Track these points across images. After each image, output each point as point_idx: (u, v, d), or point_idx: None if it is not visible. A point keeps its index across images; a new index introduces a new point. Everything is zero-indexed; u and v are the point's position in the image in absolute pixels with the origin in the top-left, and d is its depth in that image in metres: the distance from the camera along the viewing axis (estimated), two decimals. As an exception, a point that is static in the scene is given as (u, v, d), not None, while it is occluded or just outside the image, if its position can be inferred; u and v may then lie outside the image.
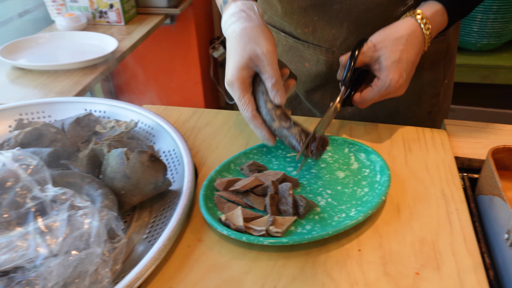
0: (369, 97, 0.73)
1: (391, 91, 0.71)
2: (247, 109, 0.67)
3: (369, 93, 0.73)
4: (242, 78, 0.67)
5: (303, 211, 0.62)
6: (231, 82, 0.68)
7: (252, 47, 0.66)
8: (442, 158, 0.74)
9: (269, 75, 0.66)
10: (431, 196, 0.66)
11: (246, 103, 0.67)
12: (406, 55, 0.70)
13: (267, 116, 0.67)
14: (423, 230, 0.60)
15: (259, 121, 0.68)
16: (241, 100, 0.68)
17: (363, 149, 0.73)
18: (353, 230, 0.60)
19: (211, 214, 0.62)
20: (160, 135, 0.79)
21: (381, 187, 0.64)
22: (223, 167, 0.71)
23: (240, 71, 0.67)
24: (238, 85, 0.67)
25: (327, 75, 0.92)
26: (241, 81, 0.67)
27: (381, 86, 0.71)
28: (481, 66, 2.04)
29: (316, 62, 0.91)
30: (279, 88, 0.66)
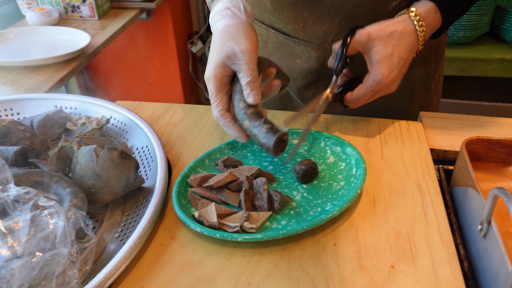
0: (360, 93, 0.72)
1: (382, 86, 0.70)
2: (216, 107, 0.67)
3: (360, 89, 0.72)
4: (218, 75, 0.67)
5: (278, 206, 0.61)
6: (207, 79, 0.68)
7: (231, 45, 0.66)
8: (418, 151, 0.74)
9: (244, 73, 0.65)
10: (407, 188, 0.66)
11: (217, 101, 0.67)
12: (398, 51, 0.69)
13: (238, 115, 0.67)
14: (399, 222, 0.60)
15: (228, 119, 0.67)
16: (213, 98, 0.67)
17: (339, 142, 0.73)
18: (328, 225, 0.60)
19: (184, 211, 0.61)
20: (133, 132, 0.78)
21: (357, 180, 0.64)
22: (198, 163, 0.70)
23: (217, 69, 0.66)
24: (213, 82, 0.67)
25: (319, 72, 0.91)
26: (217, 79, 0.67)
27: (372, 81, 0.70)
28: (458, 59, 2.07)
29: (307, 59, 0.90)
30: (253, 88, 0.65)
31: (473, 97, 2.29)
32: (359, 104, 0.74)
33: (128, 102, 0.94)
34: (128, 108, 0.82)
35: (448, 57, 2.06)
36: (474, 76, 2.12)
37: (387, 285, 0.52)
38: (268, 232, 0.56)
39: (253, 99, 0.65)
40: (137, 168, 0.65)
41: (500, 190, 0.46)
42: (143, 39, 2.30)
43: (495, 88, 2.34)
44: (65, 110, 0.83)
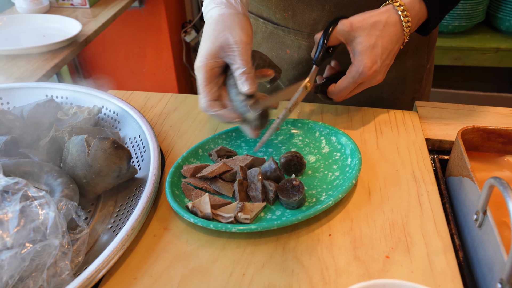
0: (343, 85, 0.71)
1: (365, 77, 0.69)
2: (204, 98, 0.65)
3: (343, 81, 0.71)
4: (209, 66, 0.65)
5: (273, 196, 0.61)
6: (197, 68, 0.66)
7: (225, 35, 0.64)
8: (413, 140, 0.74)
9: (239, 65, 0.64)
10: (402, 178, 0.66)
11: (206, 92, 0.65)
12: (381, 42, 0.68)
13: (239, 109, 0.65)
14: (394, 213, 0.60)
15: (216, 108, 0.66)
16: (202, 88, 0.66)
17: (334, 132, 0.72)
18: (323, 215, 0.60)
19: (177, 201, 0.60)
20: (125, 121, 0.77)
21: (352, 170, 0.64)
22: (191, 153, 0.70)
23: (209, 59, 0.65)
24: (203, 72, 0.65)
25: (310, 62, 0.90)
26: (207, 69, 0.65)
27: (354, 72, 0.69)
28: (453, 48, 2.07)
29: (297, 48, 0.89)
30: (248, 77, 0.64)
31: (468, 87, 2.30)
32: (342, 97, 0.73)
33: (120, 92, 0.93)
34: (120, 98, 0.81)
35: (442, 46, 2.06)
36: (469, 66, 2.11)
37: (382, 275, 0.52)
38: (263, 223, 0.56)
39: (248, 87, 0.64)
40: (130, 159, 0.64)
41: (496, 180, 0.46)
42: (136, 28, 2.28)
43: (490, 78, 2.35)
44: (56, 99, 0.82)
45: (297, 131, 0.76)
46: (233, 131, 0.75)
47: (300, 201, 0.60)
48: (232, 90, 0.66)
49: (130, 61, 2.38)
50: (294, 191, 0.60)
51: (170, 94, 0.92)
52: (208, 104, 0.66)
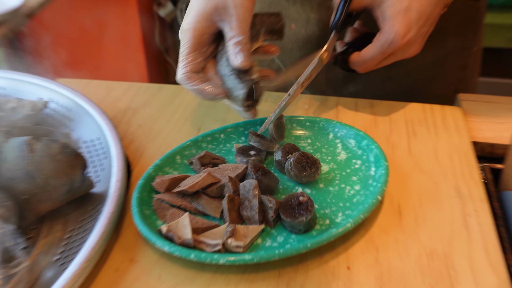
0: (369, 54, 0.73)
1: (396, 47, 0.71)
2: (183, 67, 0.68)
3: (369, 50, 0.73)
4: (199, 30, 0.67)
5: (273, 216, 0.60)
6: (184, 31, 0.68)
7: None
8: (456, 144, 0.74)
9: (235, 33, 0.66)
10: (443, 194, 0.66)
11: (187, 61, 0.68)
12: (417, 4, 0.70)
13: (227, 82, 0.67)
14: (433, 239, 0.60)
15: (196, 82, 0.68)
16: (183, 56, 0.68)
17: (353, 133, 0.72)
18: (340, 242, 0.60)
19: (148, 224, 0.60)
20: (80, 120, 0.78)
21: (377, 183, 0.64)
22: (166, 161, 0.70)
23: (199, 21, 0.67)
24: (190, 36, 0.67)
25: (321, 40, 0.90)
26: (196, 33, 0.67)
27: (383, 41, 0.71)
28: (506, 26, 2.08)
29: (305, 23, 0.90)
30: (243, 49, 0.66)
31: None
32: (367, 68, 0.75)
33: (73, 81, 0.93)
34: (73, 89, 0.81)
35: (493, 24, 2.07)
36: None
37: (418, 322, 0.51)
38: (260, 252, 0.56)
39: (240, 61, 0.66)
40: (85, 168, 0.64)
41: None
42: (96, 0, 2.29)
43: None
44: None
45: (304, 132, 0.76)
46: (221, 131, 0.76)
47: (309, 223, 0.59)
48: (222, 62, 0.68)
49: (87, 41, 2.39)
50: (301, 209, 0.60)
51: (138, 84, 0.92)
52: (186, 76, 0.67)
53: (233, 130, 0.76)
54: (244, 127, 0.77)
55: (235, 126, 0.77)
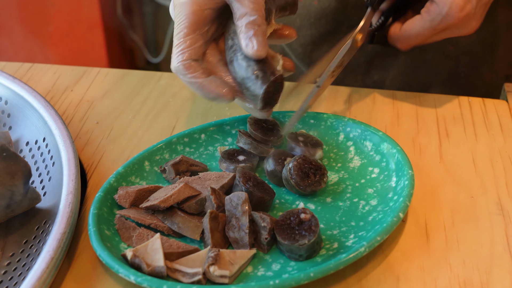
0: (415, 29, 0.73)
1: (451, 22, 0.71)
2: (180, 53, 0.67)
3: (416, 22, 0.73)
4: (198, 4, 0.67)
5: (268, 237, 0.61)
6: (178, 5, 0.67)
7: None
8: (500, 148, 0.76)
9: (247, 11, 0.65)
10: (481, 210, 0.67)
11: (185, 45, 0.67)
12: None
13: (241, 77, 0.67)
14: (467, 267, 0.61)
15: (196, 73, 0.67)
16: (180, 39, 0.67)
17: (369, 134, 0.73)
18: (351, 270, 0.60)
19: (109, 248, 0.60)
20: (21, 115, 0.78)
21: (399, 197, 0.64)
22: (131, 168, 0.71)
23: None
24: (187, 12, 0.67)
25: (340, 14, 0.91)
26: (195, 9, 0.67)
27: (435, 13, 0.71)
28: None
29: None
30: (258, 32, 0.66)
31: None
32: (411, 45, 0.75)
33: (11, 64, 0.94)
34: (11, 75, 0.81)
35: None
36: None
37: None
38: (251, 283, 0.57)
39: (256, 48, 0.65)
40: (28, 177, 0.64)
41: None
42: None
43: None
44: None
45: (308, 132, 0.76)
46: (202, 131, 0.76)
47: (312, 246, 0.60)
48: (230, 48, 0.68)
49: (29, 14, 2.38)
50: (302, 230, 0.60)
51: (96, 70, 0.92)
52: (185, 64, 0.67)
53: (216, 129, 0.77)
54: (231, 125, 0.77)
55: (220, 124, 0.77)
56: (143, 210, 0.66)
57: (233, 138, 0.77)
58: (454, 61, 0.92)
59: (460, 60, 0.93)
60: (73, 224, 0.62)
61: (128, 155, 0.75)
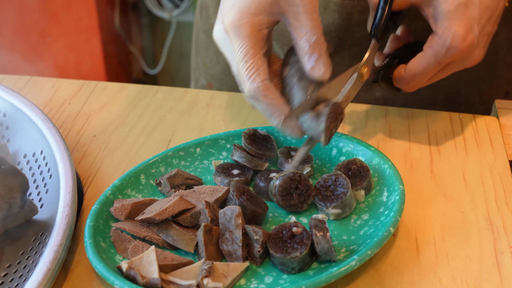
0: (420, 66, 0.73)
1: (455, 53, 0.71)
2: (256, 76, 0.65)
3: (419, 61, 0.73)
4: (256, 25, 0.66)
5: (260, 250, 0.62)
6: (235, 27, 0.66)
7: None
8: (490, 164, 0.76)
9: (307, 30, 0.65)
10: (471, 225, 0.68)
11: (256, 66, 0.65)
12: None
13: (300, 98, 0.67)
14: (456, 281, 0.62)
15: (276, 96, 0.66)
16: (247, 61, 0.65)
17: (361, 149, 0.74)
18: (342, 284, 0.61)
19: (104, 260, 0.61)
20: (18, 127, 0.79)
21: (389, 212, 0.66)
22: (127, 181, 0.72)
23: (255, 15, 0.66)
24: (246, 34, 0.66)
25: (343, 32, 0.92)
26: (253, 31, 0.66)
27: (438, 46, 0.71)
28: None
29: (323, 9, 0.90)
30: (322, 53, 0.65)
31: None
32: (417, 86, 0.75)
33: (9, 77, 0.94)
34: (10, 88, 0.82)
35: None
36: None
37: None
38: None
39: (323, 70, 0.65)
40: (26, 189, 0.65)
41: None
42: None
43: None
44: None
45: (300, 147, 0.75)
46: (197, 145, 0.77)
47: (304, 259, 0.61)
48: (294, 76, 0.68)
49: (25, 25, 2.37)
50: (294, 243, 0.61)
51: (94, 83, 0.93)
52: (264, 85, 0.65)
53: (211, 143, 0.77)
54: (226, 139, 0.78)
55: (215, 139, 0.78)
56: (138, 223, 0.67)
57: (228, 153, 0.77)
58: (455, 78, 0.92)
59: (461, 77, 0.93)
60: (69, 236, 0.63)
61: (125, 168, 0.76)
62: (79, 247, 0.66)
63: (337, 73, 0.70)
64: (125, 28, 2.61)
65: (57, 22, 2.38)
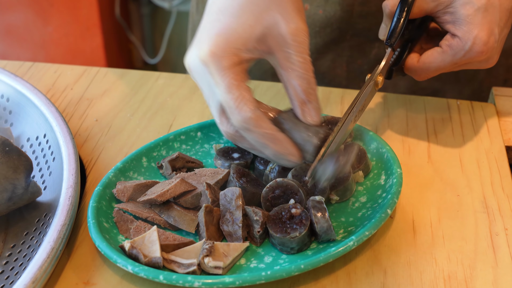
0: (436, 63, 0.72)
1: (473, 57, 0.70)
2: (245, 105, 0.62)
3: (436, 56, 0.72)
4: (238, 60, 0.63)
5: (260, 231, 0.63)
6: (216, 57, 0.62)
7: (273, 18, 0.63)
8: (487, 149, 0.78)
9: (299, 71, 0.64)
10: (467, 208, 0.69)
11: (243, 96, 0.62)
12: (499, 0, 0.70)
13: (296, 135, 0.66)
14: (452, 261, 0.63)
15: (269, 126, 0.63)
16: (235, 92, 0.62)
17: (360, 134, 0.75)
18: (340, 263, 0.62)
19: (107, 239, 0.62)
20: (22, 112, 0.80)
21: (387, 194, 0.67)
22: (129, 164, 0.73)
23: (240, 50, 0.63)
24: (228, 65, 0.62)
25: (344, 23, 0.92)
26: (235, 62, 0.63)
27: (458, 48, 0.70)
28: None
29: (323, 2, 0.91)
30: (313, 98, 0.65)
31: None
32: (429, 76, 0.75)
33: (12, 63, 0.95)
34: (12, 73, 0.83)
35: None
36: None
37: None
38: (244, 274, 0.58)
39: (314, 119, 0.65)
40: (30, 171, 0.66)
41: None
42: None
43: None
44: None
45: None
46: (198, 129, 0.78)
47: (303, 240, 0.62)
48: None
49: (28, 14, 2.37)
50: (293, 223, 0.62)
51: (96, 69, 0.94)
52: (257, 115, 0.62)
53: (212, 127, 0.78)
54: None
55: (215, 123, 0.78)
56: (140, 204, 0.68)
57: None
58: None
59: None
60: (72, 216, 0.64)
61: (127, 152, 0.77)
62: (82, 227, 0.67)
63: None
64: (126, 17, 2.60)
65: (57, 11, 2.37)
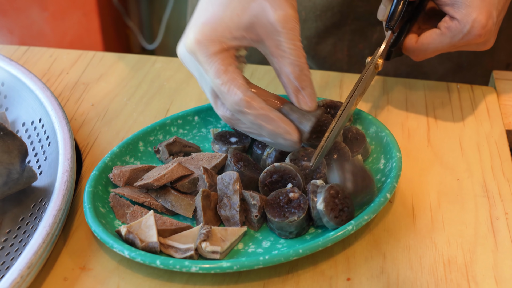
0: (434, 44, 0.73)
1: (471, 39, 0.71)
2: (235, 88, 0.62)
3: (435, 37, 0.73)
4: (225, 47, 0.64)
5: (258, 215, 0.63)
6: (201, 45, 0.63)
7: (260, 6, 0.64)
8: (487, 133, 0.77)
9: (291, 58, 0.64)
10: (467, 192, 0.69)
11: (233, 78, 0.62)
12: None
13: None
14: (451, 246, 0.63)
15: (263, 105, 0.63)
16: (224, 75, 0.63)
17: (359, 118, 0.75)
18: (339, 248, 0.62)
19: (103, 224, 0.62)
20: (17, 96, 0.79)
21: (386, 178, 0.66)
22: (126, 148, 0.72)
23: (227, 38, 0.64)
24: (214, 51, 0.63)
25: (346, 7, 0.91)
26: (222, 49, 0.64)
27: (456, 31, 0.70)
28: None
29: None
30: (307, 83, 0.65)
31: None
32: (427, 57, 0.75)
33: (7, 47, 0.95)
34: (8, 57, 0.82)
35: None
36: None
37: None
38: (241, 259, 0.58)
39: (310, 105, 0.65)
40: (25, 155, 0.66)
41: None
42: None
43: None
44: None
45: None
46: (195, 113, 0.78)
47: (301, 224, 0.62)
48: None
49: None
50: (291, 208, 0.62)
51: (92, 53, 0.94)
52: (249, 96, 0.62)
53: (210, 111, 0.78)
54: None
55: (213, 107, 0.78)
56: (137, 189, 0.68)
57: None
58: (457, 51, 0.92)
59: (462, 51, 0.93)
60: (68, 201, 0.64)
61: (123, 137, 0.76)
62: (78, 212, 0.67)
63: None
64: (123, 2, 2.60)
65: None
